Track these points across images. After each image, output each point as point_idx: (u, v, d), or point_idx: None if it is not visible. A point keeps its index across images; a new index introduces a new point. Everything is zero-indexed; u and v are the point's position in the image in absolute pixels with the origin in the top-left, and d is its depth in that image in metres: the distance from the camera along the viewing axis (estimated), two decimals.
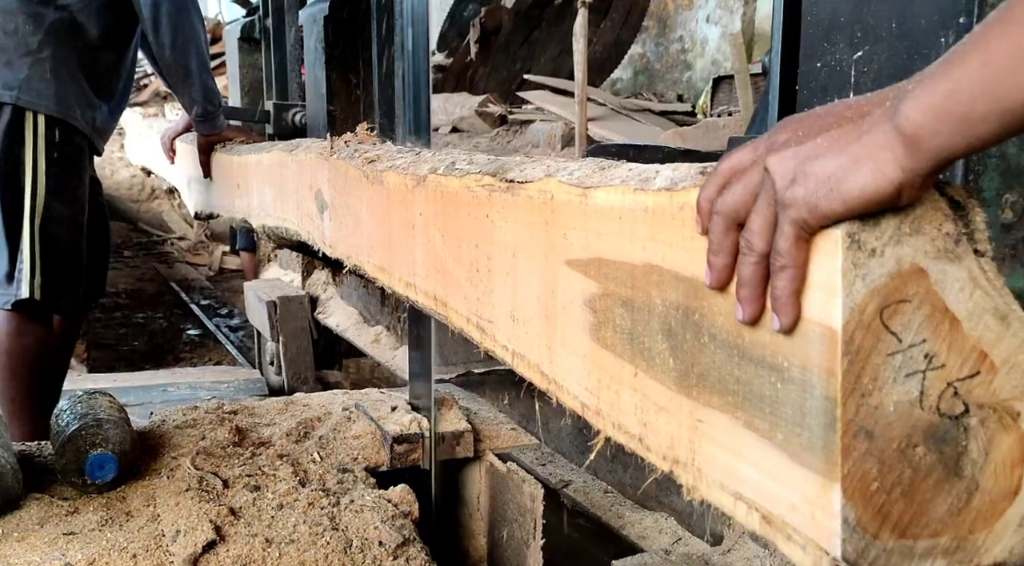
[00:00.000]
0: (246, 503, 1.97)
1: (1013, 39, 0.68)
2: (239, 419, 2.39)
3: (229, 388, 4.41)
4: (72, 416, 2.10)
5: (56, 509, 1.99)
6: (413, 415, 2.30)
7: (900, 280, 0.85)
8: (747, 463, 0.96)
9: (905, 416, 0.87)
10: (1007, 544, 0.91)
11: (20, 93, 2.85)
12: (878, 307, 0.84)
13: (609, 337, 1.13)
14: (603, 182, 1.12)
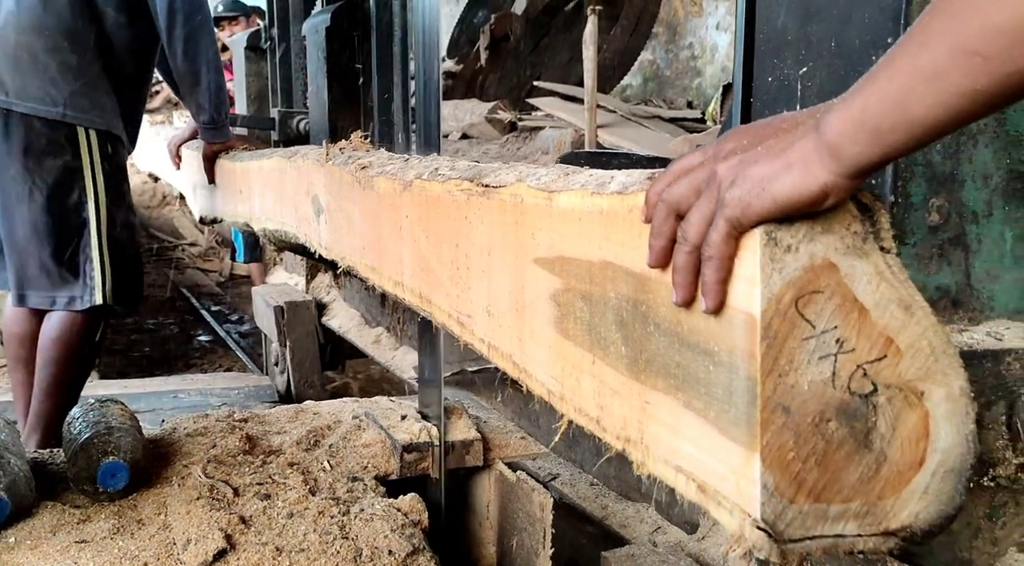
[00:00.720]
0: (256, 512, 1.99)
1: (912, 59, 0.81)
2: (249, 427, 2.41)
3: (239, 394, 4.44)
4: (84, 424, 2.13)
5: (68, 517, 2.02)
6: (423, 424, 2.32)
7: (813, 273, 0.97)
8: (686, 440, 1.09)
9: (819, 394, 0.99)
10: (913, 510, 1.03)
11: (66, 109, 3.01)
12: (793, 297, 0.97)
13: (571, 328, 1.26)
14: (566, 187, 1.25)
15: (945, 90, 0.78)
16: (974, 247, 1.31)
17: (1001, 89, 0.76)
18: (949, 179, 1.28)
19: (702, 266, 0.98)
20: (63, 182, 3.04)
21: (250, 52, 4.67)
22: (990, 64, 0.75)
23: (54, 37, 3.03)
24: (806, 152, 0.89)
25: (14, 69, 3.00)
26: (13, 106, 3.00)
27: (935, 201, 1.27)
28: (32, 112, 3.00)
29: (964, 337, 1.29)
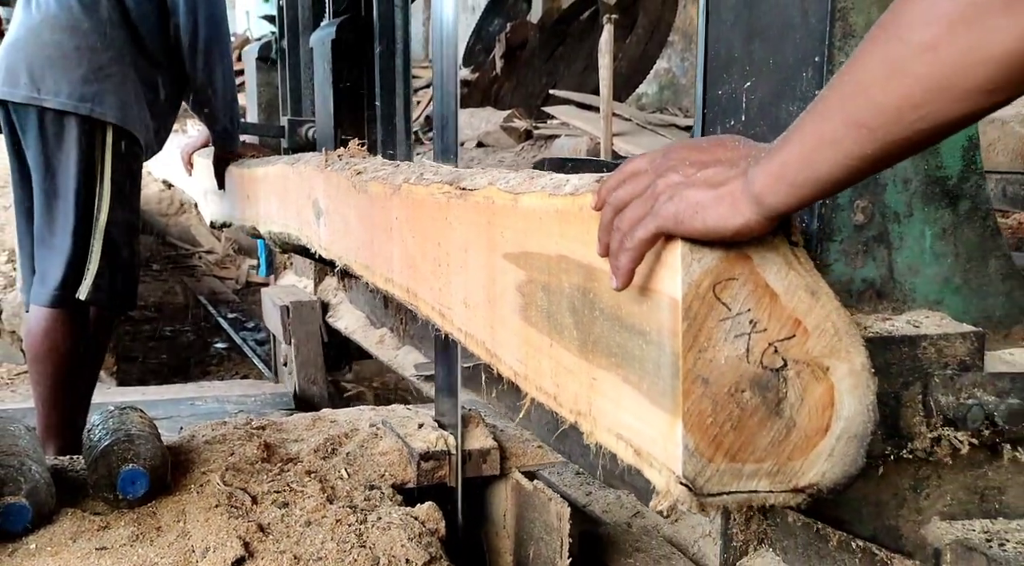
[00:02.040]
0: (274, 519, 2.02)
1: (817, 127, 0.99)
2: (267, 435, 2.44)
3: (256, 402, 4.52)
4: (104, 431, 2.17)
5: (88, 524, 2.04)
6: (440, 432, 2.35)
7: (729, 263, 1.15)
8: (625, 410, 1.27)
9: (734, 368, 1.17)
10: (819, 470, 1.21)
11: (93, 105, 3.17)
12: (711, 283, 1.15)
13: (533, 316, 1.45)
14: (529, 189, 1.43)
15: (842, 154, 0.96)
16: (896, 244, 1.48)
17: (886, 154, 0.94)
18: (872, 183, 1.45)
19: (620, 253, 1.16)
20: (84, 177, 3.19)
21: (261, 62, 4.90)
22: (875, 134, 0.92)
23: (88, 37, 3.20)
24: (736, 193, 1.07)
25: (47, 66, 3.17)
26: (45, 102, 3.16)
27: (859, 203, 1.45)
28: (62, 108, 3.16)
29: (887, 325, 1.46)
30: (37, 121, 3.19)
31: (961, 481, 1.52)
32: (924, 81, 0.86)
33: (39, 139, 3.20)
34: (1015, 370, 1.46)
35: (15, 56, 3.21)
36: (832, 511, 1.52)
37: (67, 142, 3.18)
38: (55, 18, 3.20)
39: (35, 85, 3.17)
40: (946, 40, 0.83)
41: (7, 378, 5.61)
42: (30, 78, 3.17)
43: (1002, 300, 1.53)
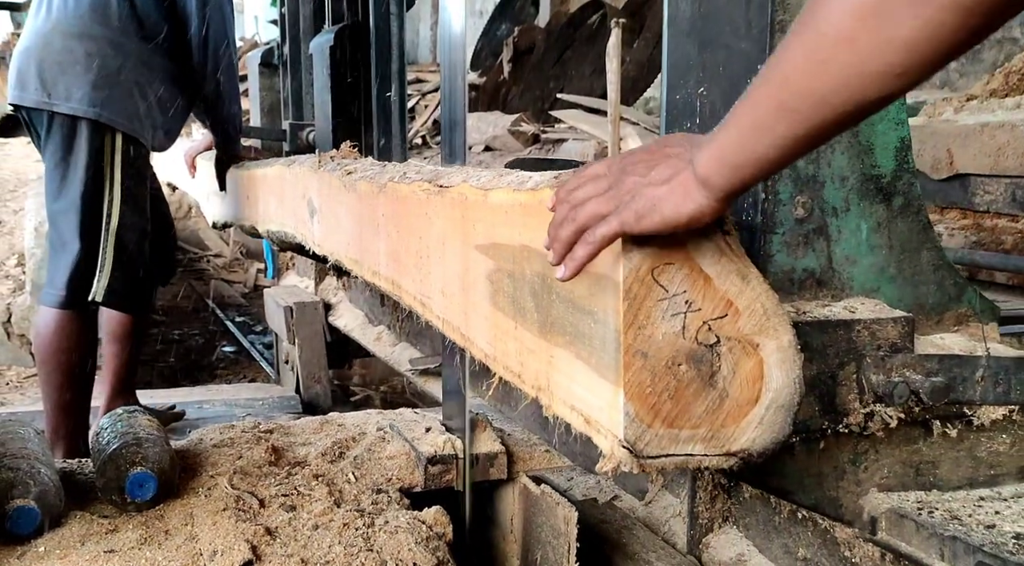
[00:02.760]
0: (282, 523, 2.04)
1: (750, 113, 1.13)
2: (275, 438, 2.47)
3: (263, 405, 4.56)
4: (112, 435, 2.19)
5: (97, 527, 2.07)
6: (447, 436, 2.37)
7: (666, 250, 1.32)
8: (577, 383, 1.44)
9: (671, 343, 1.33)
10: (750, 436, 1.38)
11: (102, 110, 3.33)
12: (649, 267, 1.31)
13: (501, 301, 1.62)
14: (497, 185, 1.60)
15: (775, 136, 1.10)
16: (835, 237, 1.64)
17: (815, 134, 1.08)
18: (812, 180, 1.61)
19: (577, 245, 1.30)
20: (92, 181, 3.35)
21: (264, 68, 5.12)
22: (803, 116, 1.06)
23: (99, 44, 3.37)
24: (686, 182, 1.20)
25: (59, 72, 3.33)
26: (56, 107, 3.32)
27: (800, 198, 1.61)
28: (72, 112, 3.32)
29: (825, 310, 1.62)
30: (47, 125, 3.36)
31: (897, 455, 1.68)
32: (844, 69, 1.00)
33: (50, 143, 3.37)
34: (943, 352, 1.62)
35: (27, 62, 3.38)
36: (777, 482, 1.68)
37: (76, 146, 3.34)
38: (67, 25, 3.37)
39: (46, 90, 3.33)
40: (860, 31, 0.97)
41: (16, 381, 5.82)
42: (41, 83, 3.33)
43: (934, 289, 1.70)
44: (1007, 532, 1.52)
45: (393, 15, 3.41)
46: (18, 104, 3.43)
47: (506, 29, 9.70)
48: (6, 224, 7.18)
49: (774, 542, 1.92)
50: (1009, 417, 1.65)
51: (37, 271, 5.87)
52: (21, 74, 3.40)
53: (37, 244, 5.93)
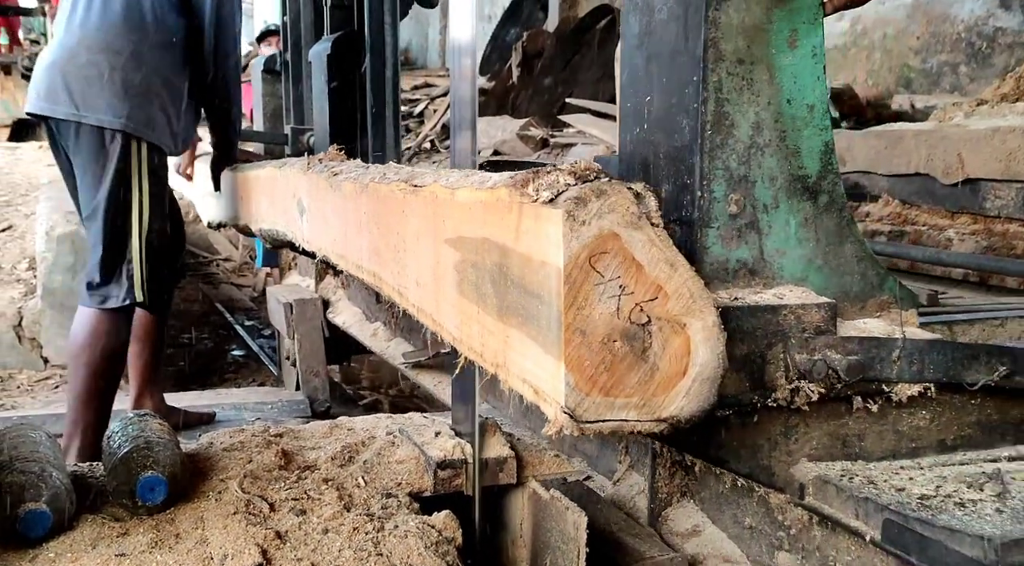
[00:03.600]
0: (292, 527, 2.08)
1: None
2: (285, 442, 2.51)
3: (273, 409, 4.71)
4: (124, 438, 2.23)
5: (108, 530, 2.10)
6: (456, 440, 2.41)
7: (602, 240, 1.55)
8: (528, 359, 1.67)
9: (607, 322, 1.57)
10: (678, 405, 1.61)
11: (128, 121, 3.58)
12: (587, 255, 1.55)
13: (466, 289, 1.85)
14: (462, 185, 1.84)
15: None
16: (766, 231, 1.88)
17: None
18: (744, 180, 1.85)
19: None
20: (118, 189, 3.59)
21: (266, 74, 5.42)
22: None
23: (123, 57, 3.61)
24: None
25: (85, 85, 3.57)
26: (83, 118, 3.57)
27: (733, 196, 1.84)
28: (98, 123, 3.57)
29: (756, 297, 1.85)
30: (75, 136, 3.61)
31: (825, 428, 1.91)
32: None
33: (79, 154, 3.62)
34: (863, 335, 1.85)
35: (55, 75, 3.62)
36: (715, 452, 1.91)
37: (103, 156, 3.59)
38: (91, 39, 3.62)
39: (74, 103, 3.58)
40: None
41: (27, 385, 5.96)
42: (69, 96, 3.58)
43: (857, 278, 1.93)
44: (914, 494, 1.75)
45: (387, 24, 3.67)
46: (47, 116, 3.67)
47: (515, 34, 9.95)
48: (17, 228, 7.32)
49: (725, 513, 2.17)
50: (926, 395, 1.88)
51: (48, 275, 6.05)
52: (50, 87, 3.63)
53: (48, 248, 6.08)
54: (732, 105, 1.82)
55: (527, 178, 1.63)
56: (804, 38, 1.85)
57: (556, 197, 1.55)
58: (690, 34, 1.82)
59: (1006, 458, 1.94)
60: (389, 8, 3.72)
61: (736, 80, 1.82)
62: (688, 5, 1.82)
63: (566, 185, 1.56)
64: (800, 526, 1.94)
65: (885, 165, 6.07)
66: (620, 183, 1.57)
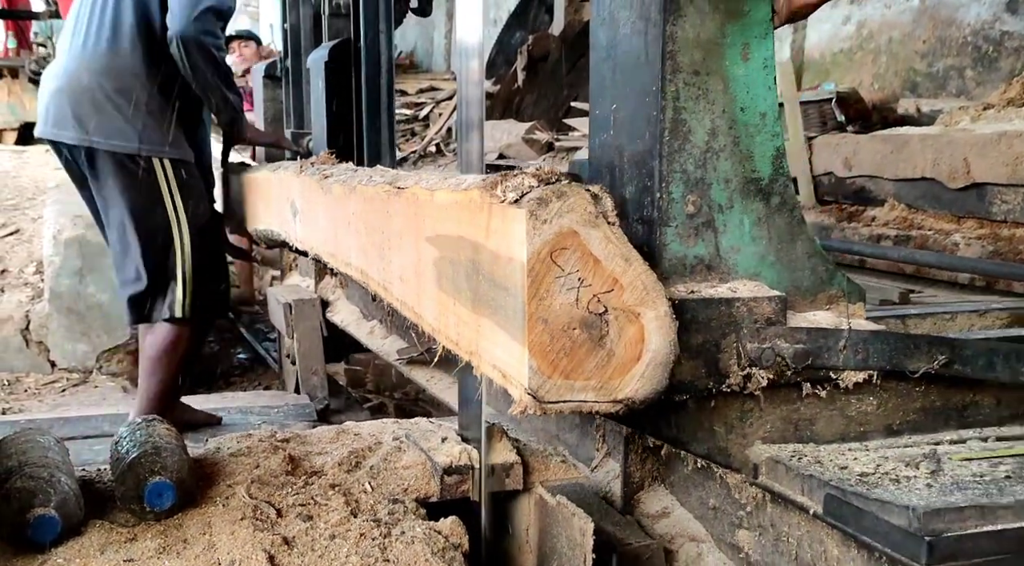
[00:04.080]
0: (299, 533, 2.13)
1: None
2: (292, 447, 2.56)
3: (279, 413, 4.88)
4: (132, 443, 2.29)
5: (116, 535, 2.16)
6: (463, 446, 2.45)
7: (562, 237, 1.74)
8: (498, 346, 1.86)
9: (567, 312, 1.76)
10: (633, 387, 1.80)
11: (142, 143, 3.76)
12: (549, 251, 1.73)
13: (444, 283, 2.05)
14: (440, 187, 2.04)
15: None
16: (721, 229, 2.06)
17: None
18: (700, 182, 2.03)
19: None
20: (148, 209, 3.78)
21: (267, 80, 5.68)
22: None
23: (123, 77, 3.77)
24: None
25: (92, 109, 3.74)
26: (95, 144, 3.74)
27: (690, 197, 2.03)
28: (112, 148, 3.74)
29: (712, 291, 2.03)
30: (89, 160, 3.79)
31: (778, 413, 2.09)
32: None
33: (96, 177, 3.81)
34: (812, 326, 2.04)
35: (61, 101, 3.79)
36: (675, 434, 2.09)
37: (124, 178, 3.77)
38: (91, 62, 3.79)
39: (83, 128, 3.75)
40: None
41: (35, 388, 6.11)
42: (78, 121, 3.75)
43: (808, 274, 2.11)
44: (855, 472, 1.93)
45: (382, 32, 3.88)
46: (56, 141, 3.84)
47: (520, 37, 10.12)
48: (25, 232, 7.44)
49: (692, 495, 2.36)
50: (871, 382, 2.06)
51: (56, 279, 6.16)
52: (57, 113, 3.80)
53: (56, 252, 6.18)
54: (689, 113, 2.01)
55: (496, 181, 1.81)
56: (756, 51, 2.04)
57: (521, 198, 1.73)
58: (650, 47, 2.01)
59: (948, 441, 2.13)
60: (384, 17, 3.93)
61: (692, 90, 2.01)
62: (648, 21, 2.01)
63: (530, 187, 1.74)
64: (755, 504, 2.13)
65: (891, 169, 6.20)
66: (579, 185, 1.76)
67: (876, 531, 1.77)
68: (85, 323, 6.15)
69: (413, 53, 15.01)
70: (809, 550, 2.00)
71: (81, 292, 6.09)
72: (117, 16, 3.82)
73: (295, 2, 4.92)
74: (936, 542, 1.68)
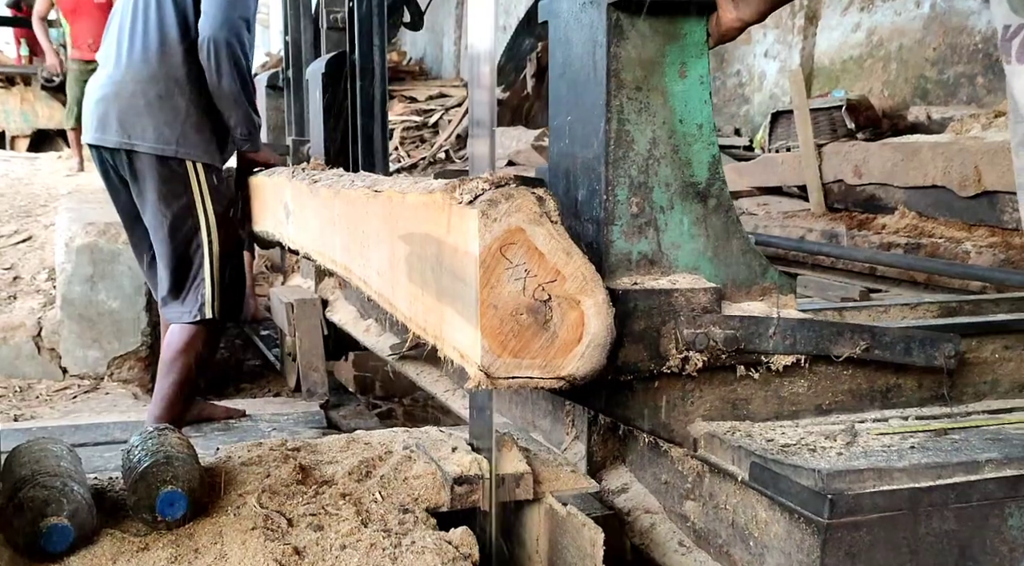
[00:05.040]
0: (310, 543, 2.18)
1: None
2: (302, 456, 2.61)
3: (288, 420, 5.03)
4: (144, 453, 2.33)
5: (128, 545, 2.20)
6: (473, 456, 2.50)
7: (510, 234, 2.04)
8: (458, 330, 2.18)
9: (514, 299, 2.07)
10: (575, 365, 2.12)
11: (179, 147, 4.11)
12: (499, 246, 2.04)
13: (414, 276, 2.38)
14: (411, 190, 2.36)
15: None
16: (663, 228, 2.38)
17: None
18: (643, 185, 2.35)
19: None
20: (181, 212, 4.12)
21: (270, 90, 6.08)
22: None
23: (167, 85, 4.12)
24: None
25: (134, 115, 4.09)
26: (137, 147, 4.09)
27: (634, 199, 2.36)
28: (152, 151, 4.09)
29: (654, 283, 2.34)
30: (129, 163, 4.14)
31: (717, 393, 2.41)
32: None
33: (136, 180, 4.16)
34: (744, 314, 2.35)
35: (105, 108, 4.15)
36: (623, 412, 2.41)
37: (162, 180, 4.12)
38: (136, 71, 4.14)
39: (126, 132, 4.11)
40: None
41: (46, 395, 6.22)
42: (120, 126, 4.11)
43: (743, 268, 2.43)
44: (779, 443, 2.25)
45: (376, 46, 4.23)
46: (99, 145, 4.21)
47: (529, 44, 10.40)
48: (37, 239, 7.63)
49: (647, 472, 2.67)
50: (800, 365, 2.38)
51: (68, 286, 6.29)
52: (102, 119, 4.16)
53: (68, 259, 6.31)
54: (632, 125, 2.34)
55: (455, 184, 2.13)
56: (692, 69, 2.36)
57: (475, 200, 2.04)
58: (597, 66, 2.34)
59: (871, 419, 2.44)
60: (377, 32, 4.29)
61: (635, 104, 2.33)
62: (595, 43, 2.34)
63: (483, 190, 2.05)
64: (696, 475, 2.45)
65: (901, 177, 6.43)
66: (527, 188, 2.07)
67: (790, 492, 2.09)
68: (96, 330, 6.29)
69: (423, 60, 15.38)
70: (743, 515, 2.31)
71: (93, 299, 6.24)
72: (160, 26, 4.16)
73: (296, 16, 5.30)
74: (837, 499, 2.00)
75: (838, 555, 2.02)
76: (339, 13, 4.63)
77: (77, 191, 8.19)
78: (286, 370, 6.00)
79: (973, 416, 2.46)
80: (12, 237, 7.58)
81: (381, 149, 4.27)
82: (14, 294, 6.73)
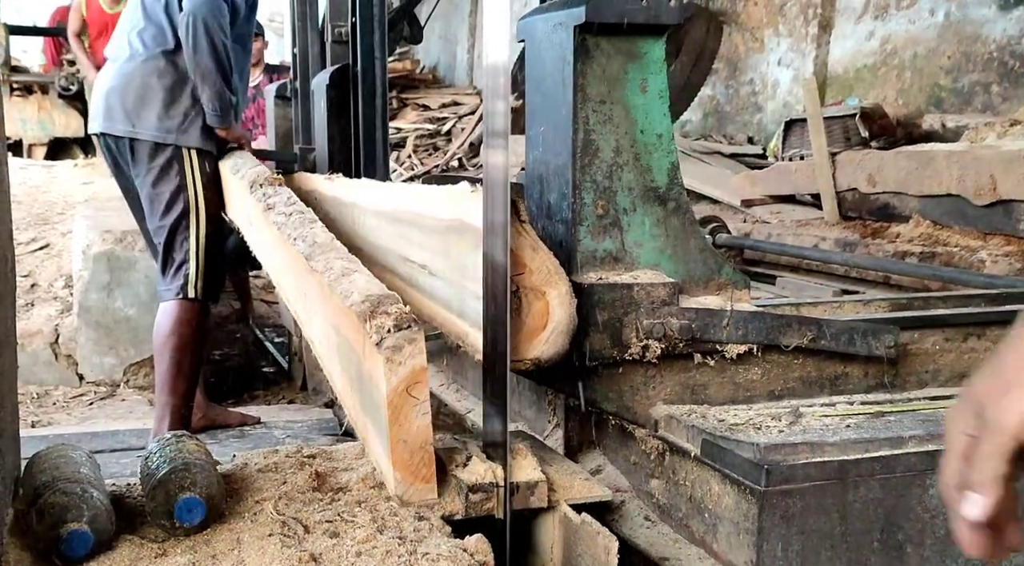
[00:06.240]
0: (326, 549, 2.22)
1: None
2: (318, 463, 2.66)
3: (303, 427, 5.16)
4: (162, 459, 2.37)
5: (146, 551, 2.24)
6: (488, 464, 2.52)
7: (415, 373, 2.16)
8: (376, 450, 2.23)
9: (423, 432, 2.21)
10: (540, 349, 2.45)
11: (178, 135, 4.53)
12: (405, 387, 2.17)
13: (345, 371, 2.70)
14: (335, 290, 2.69)
15: None
16: (626, 228, 2.70)
17: None
18: (607, 190, 2.67)
19: None
20: (174, 196, 4.52)
21: (278, 99, 6.49)
22: None
23: (171, 78, 4.55)
24: None
25: (139, 105, 4.52)
26: (139, 135, 4.51)
27: (599, 202, 2.68)
28: (152, 138, 4.50)
29: (618, 278, 2.66)
30: (131, 151, 4.56)
31: (677, 379, 2.73)
32: None
33: (137, 166, 4.56)
34: (700, 306, 2.67)
35: (113, 99, 4.58)
36: (590, 395, 2.73)
37: (158, 167, 4.52)
38: (144, 66, 4.56)
39: (131, 121, 4.53)
40: None
41: (63, 401, 6.38)
42: (126, 115, 4.53)
43: (700, 265, 2.75)
44: (729, 423, 2.56)
45: (377, 59, 4.59)
46: (105, 133, 4.61)
47: None
48: (54, 247, 7.81)
49: (618, 454, 2.99)
50: (753, 354, 2.69)
51: (84, 293, 6.46)
52: (109, 108, 4.58)
53: (85, 266, 6.46)
54: (597, 134, 2.66)
55: (371, 311, 2.25)
56: (652, 84, 2.68)
57: (381, 342, 2.16)
58: (566, 81, 2.67)
59: (819, 404, 2.75)
60: (379, 45, 4.65)
61: (600, 116, 2.66)
62: (564, 61, 2.67)
63: (388, 332, 2.17)
64: (658, 455, 2.76)
65: (916, 185, 6.59)
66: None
67: (733, 464, 2.40)
68: (113, 337, 6.48)
69: (436, 68, 15.72)
70: (699, 490, 2.61)
71: (109, 306, 6.43)
72: (168, 24, 4.58)
73: (304, 30, 5.68)
74: (772, 469, 2.31)
75: (774, 518, 2.33)
76: (343, 27, 4.98)
77: (94, 199, 8.43)
78: (293, 370, 6.32)
79: (913, 402, 2.76)
80: (30, 245, 7.75)
81: (382, 156, 4.62)
82: (31, 301, 6.91)
